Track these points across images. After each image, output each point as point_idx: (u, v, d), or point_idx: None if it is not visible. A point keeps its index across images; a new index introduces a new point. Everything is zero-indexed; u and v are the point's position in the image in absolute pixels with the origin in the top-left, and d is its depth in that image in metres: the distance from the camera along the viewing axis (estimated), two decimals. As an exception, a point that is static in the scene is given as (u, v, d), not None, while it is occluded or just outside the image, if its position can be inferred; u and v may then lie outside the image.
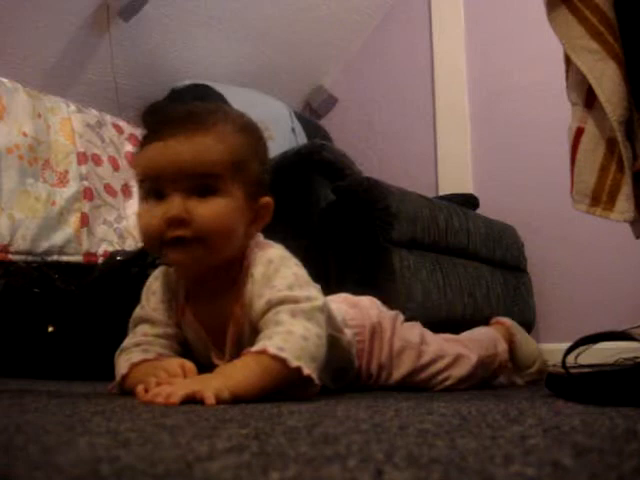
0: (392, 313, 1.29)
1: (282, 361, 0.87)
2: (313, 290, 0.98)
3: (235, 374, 0.87)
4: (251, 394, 0.85)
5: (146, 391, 0.87)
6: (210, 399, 0.80)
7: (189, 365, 0.96)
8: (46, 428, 0.57)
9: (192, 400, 0.81)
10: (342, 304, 1.23)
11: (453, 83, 3.29)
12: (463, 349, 1.29)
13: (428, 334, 1.29)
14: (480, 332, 1.40)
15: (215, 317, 1.04)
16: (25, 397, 0.93)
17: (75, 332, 1.62)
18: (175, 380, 0.87)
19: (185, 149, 0.97)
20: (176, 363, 0.97)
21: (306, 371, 0.88)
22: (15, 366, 1.62)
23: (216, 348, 1.05)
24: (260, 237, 1.06)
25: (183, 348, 1.09)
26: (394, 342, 1.23)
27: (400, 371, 1.22)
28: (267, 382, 0.87)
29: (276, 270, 0.98)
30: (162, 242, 0.97)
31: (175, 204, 0.95)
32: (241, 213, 1.00)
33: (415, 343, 1.24)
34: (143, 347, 1.05)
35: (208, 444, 0.47)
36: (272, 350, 0.87)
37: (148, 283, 1.12)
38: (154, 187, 0.98)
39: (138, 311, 1.11)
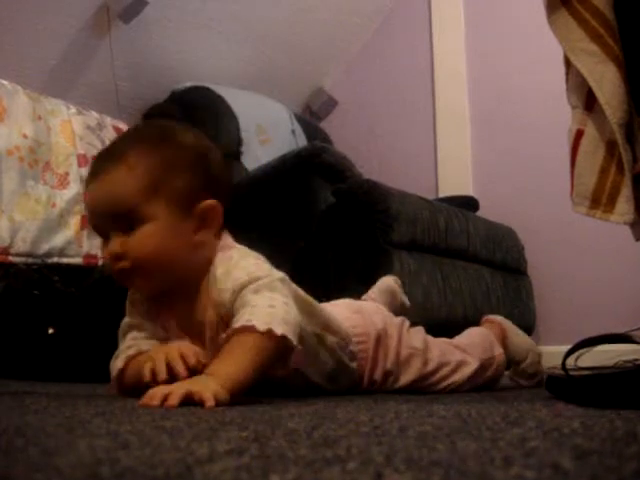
0: (399, 320, 1.27)
1: (252, 328, 0.89)
2: (273, 271, 1.01)
3: (225, 369, 0.88)
4: (246, 383, 0.88)
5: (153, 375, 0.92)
6: (210, 401, 0.80)
7: (189, 347, 0.98)
8: (46, 430, 0.57)
9: (191, 402, 0.80)
10: (345, 310, 1.22)
11: (453, 85, 3.29)
12: (465, 356, 1.29)
13: (431, 340, 1.28)
14: (475, 334, 1.39)
15: (193, 324, 1.04)
16: (25, 399, 0.93)
17: (75, 334, 1.62)
18: (169, 386, 0.86)
19: (98, 191, 1.02)
20: (175, 347, 0.98)
21: (278, 331, 0.89)
22: (15, 368, 1.62)
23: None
24: (227, 240, 1.07)
25: None
26: (401, 350, 1.22)
27: (406, 377, 1.22)
28: (254, 360, 0.89)
29: (235, 264, 1.00)
30: (114, 275, 1.04)
31: (111, 242, 1.01)
32: (173, 230, 1.01)
33: (421, 350, 1.24)
34: (136, 347, 1.05)
35: (208, 446, 0.47)
36: (240, 324, 0.90)
37: (130, 294, 1.13)
38: (98, 230, 1.05)
39: (125, 321, 1.12)
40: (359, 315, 1.22)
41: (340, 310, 1.21)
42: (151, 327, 1.09)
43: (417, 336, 1.26)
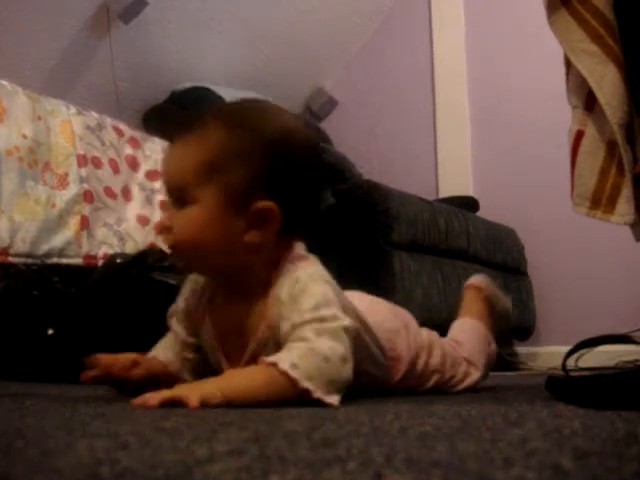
0: (425, 336, 1.23)
1: (291, 380, 0.82)
2: (340, 311, 0.91)
3: (236, 380, 0.84)
4: (246, 402, 0.82)
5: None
6: (192, 402, 0.77)
7: (139, 359, 0.98)
8: (46, 431, 0.57)
9: (175, 404, 0.79)
10: (397, 325, 1.18)
11: (453, 85, 3.29)
12: (470, 367, 1.29)
13: (445, 352, 1.27)
14: (473, 330, 1.38)
15: (232, 329, 0.99)
16: (25, 400, 0.93)
17: (75, 335, 1.62)
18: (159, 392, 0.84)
19: (165, 159, 0.99)
20: (130, 357, 0.99)
21: (316, 394, 0.82)
22: (15, 369, 1.62)
23: (226, 357, 1.01)
24: (299, 250, 0.98)
25: (198, 354, 1.06)
26: (425, 372, 1.21)
27: (423, 388, 1.22)
28: (269, 396, 0.83)
29: (302, 290, 0.91)
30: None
31: (165, 213, 0.97)
32: (217, 222, 0.92)
33: (442, 368, 1.23)
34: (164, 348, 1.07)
35: (208, 447, 0.47)
36: (283, 366, 0.82)
37: (183, 284, 1.09)
38: (168, 197, 0.99)
39: (172, 307, 1.09)
40: (400, 335, 1.16)
41: (381, 322, 1.13)
42: (182, 332, 1.06)
43: (437, 352, 1.25)
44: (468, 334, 1.37)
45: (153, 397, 0.79)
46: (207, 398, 0.79)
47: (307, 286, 0.91)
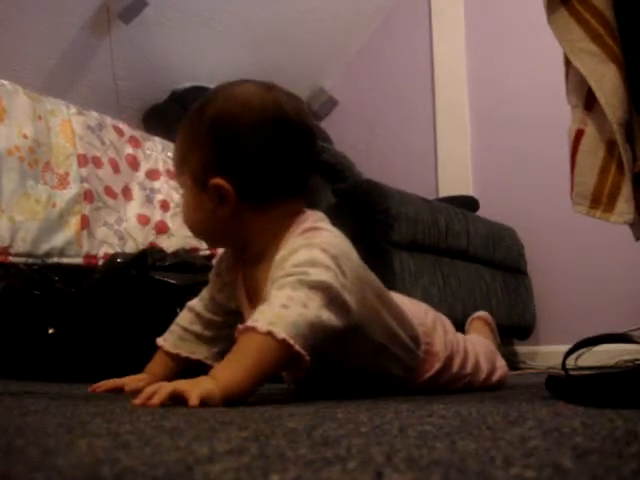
0: (461, 340, 1.26)
1: (255, 329, 0.83)
2: (322, 271, 0.91)
3: (225, 372, 0.84)
4: (246, 388, 0.83)
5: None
6: (193, 401, 0.77)
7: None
8: (46, 430, 0.57)
9: (176, 400, 0.79)
10: (438, 327, 1.20)
11: (453, 85, 3.29)
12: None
13: (469, 353, 1.28)
14: (482, 344, 1.38)
15: (254, 289, 1.05)
16: (25, 399, 0.93)
17: (75, 334, 1.62)
18: (158, 384, 0.84)
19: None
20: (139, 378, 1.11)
21: (280, 335, 0.82)
22: (15, 368, 1.62)
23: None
24: (312, 221, 1.02)
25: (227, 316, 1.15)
26: (458, 376, 1.22)
27: (452, 388, 1.22)
28: (255, 365, 0.84)
29: (291, 253, 0.94)
30: None
31: None
32: (195, 205, 1.04)
33: (468, 373, 1.24)
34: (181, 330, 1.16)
35: (208, 446, 0.47)
36: (244, 325, 0.86)
37: (216, 263, 1.18)
38: None
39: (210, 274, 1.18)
40: (437, 332, 1.18)
41: (420, 318, 1.16)
42: (217, 296, 1.15)
43: (471, 360, 1.26)
44: (478, 347, 1.36)
45: (156, 395, 0.80)
46: (207, 397, 0.79)
47: (297, 250, 0.94)
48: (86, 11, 2.61)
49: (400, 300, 1.15)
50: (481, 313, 1.64)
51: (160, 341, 1.16)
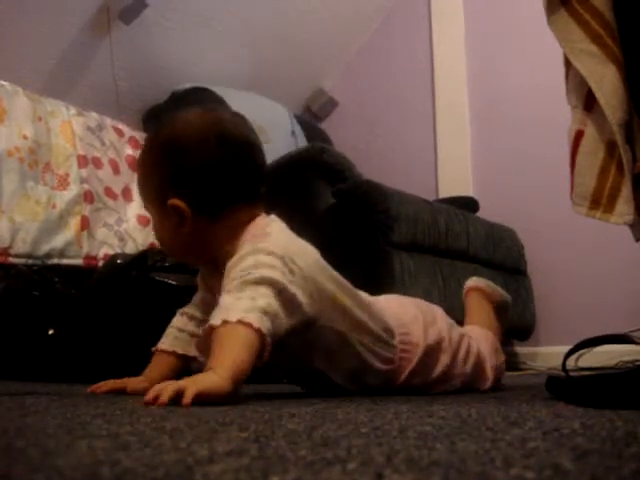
0: (457, 335, 1.25)
1: (213, 327, 0.90)
2: (266, 270, 0.97)
3: (220, 361, 0.87)
4: (244, 367, 0.87)
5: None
6: (186, 399, 0.79)
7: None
8: (46, 431, 0.57)
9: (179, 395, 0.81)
10: (407, 314, 1.20)
11: (453, 85, 3.29)
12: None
13: (471, 351, 1.28)
14: (482, 339, 1.38)
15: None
16: (25, 400, 0.93)
17: (75, 335, 1.62)
18: (163, 384, 0.86)
19: None
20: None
21: (233, 319, 0.88)
22: (15, 369, 1.62)
23: None
24: (260, 227, 1.07)
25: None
26: (451, 371, 1.21)
27: (440, 389, 1.22)
28: (239, 345, 0.88)
29: (240, 259, 1.00)
30: None
31: None
32: (161, 225, 1.11)
33: (470, 374, 1.25)
34: (170, 336, 1.18)
35: (208, 447, 0.47)
36: (204, 327, 0.92)
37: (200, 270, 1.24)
38: None
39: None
40: (416, 324, 1.19)
41: (398, 311, 1.20)
42: (206, 296, 1.18)
43: (470, 360, 1.25)
44: (483, 346, 1.35)
45: (162, 396, 0.81)
46: (204, 393, 0.81)
47: (243, 258, 1.00)
48: (86, 12, 2.61)
49: (385, 298, 1.22)
50: (473, 283, 1.51)
51: (156, 346, 1.18)
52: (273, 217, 1.12)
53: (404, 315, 1.20)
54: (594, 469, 0.39)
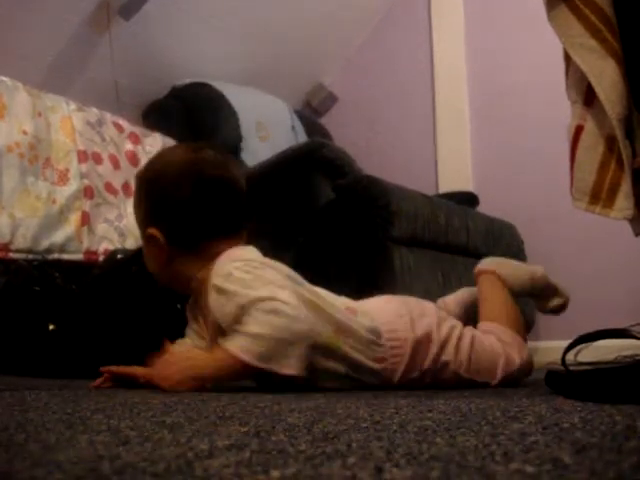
0: (447, 327, 1.24)
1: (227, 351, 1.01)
2: (242, 295, 1.04)
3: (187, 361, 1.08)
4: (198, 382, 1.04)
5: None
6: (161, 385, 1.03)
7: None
8: (47, 426, 0.57)
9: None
10: (389, 312, 1.21)
11: (453, 81, 3.29)
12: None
13: (474, 346, 1.26)
14: (499, 331, 1.35)
15: (208, 321, 1.17)
16: (26, 395, 0.93)
17: (76, 330, 1.62)
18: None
19: None
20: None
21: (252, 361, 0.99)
22: (16, 364, 1.62)
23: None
24: (223, 261, 1.12)
25: None
26: (439, 359, 1.20)
27: (439, 378, 1.21)
28: (211, 368, 1.04)
29: (220, 293, 1.07)
30: None
31: None
32: (147, 253, 1.23)
33: (464, 362, 1.23)
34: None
35: (208, 442, 0.47)
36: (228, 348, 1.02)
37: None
38: None
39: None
40: (403, 320, 1.20)
41: (384, 310, 1.21)
42: (192, 325, 1.24)
43: (464, 348, 1.24)
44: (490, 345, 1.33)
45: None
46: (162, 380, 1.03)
47: (217, 300, 1.08)
48: (86, 7, 2.60)
49: (372, 299, 1.28)
50: (486, 265, 1.46)
51: None
52: (250, 247, 1.19)
53: (388, 313, 1.21)
54: (593, 463, 0.40)
